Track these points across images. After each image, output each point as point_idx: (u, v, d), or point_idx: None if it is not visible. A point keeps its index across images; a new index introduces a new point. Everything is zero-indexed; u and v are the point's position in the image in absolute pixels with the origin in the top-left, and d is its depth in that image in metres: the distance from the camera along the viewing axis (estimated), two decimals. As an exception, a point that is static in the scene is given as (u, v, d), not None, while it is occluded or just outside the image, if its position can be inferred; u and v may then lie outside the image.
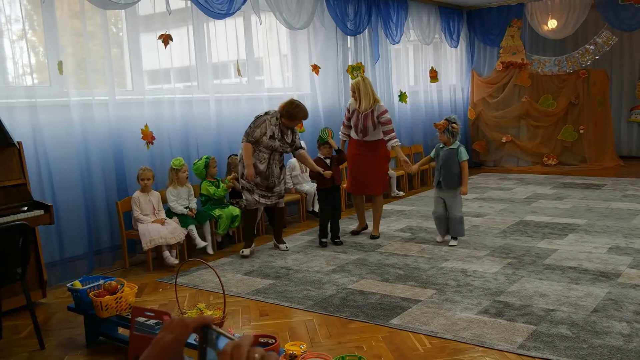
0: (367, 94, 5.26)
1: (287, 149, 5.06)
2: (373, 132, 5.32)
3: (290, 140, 5.07)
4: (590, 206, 6.57)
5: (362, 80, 5.31)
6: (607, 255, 4.63)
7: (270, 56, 6.87)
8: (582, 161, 9.82)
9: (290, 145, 5.08)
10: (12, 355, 3.25)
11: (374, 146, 5.40)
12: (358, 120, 5.34)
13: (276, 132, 4.96)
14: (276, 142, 4.96)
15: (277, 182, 5.10)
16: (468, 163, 5.11)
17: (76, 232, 4.76)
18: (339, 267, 4.63)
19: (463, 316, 3.47)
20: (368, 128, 5.29)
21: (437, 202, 5.16)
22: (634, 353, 2.88)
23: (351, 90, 5.40)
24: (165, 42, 5.36)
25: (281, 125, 5.00)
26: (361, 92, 5.26)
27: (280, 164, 5.13)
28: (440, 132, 5.05)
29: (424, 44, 9.33)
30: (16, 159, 3.95)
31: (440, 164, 5.08)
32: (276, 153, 5.02)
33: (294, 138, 5.12)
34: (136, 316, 2.16)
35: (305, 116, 5.06)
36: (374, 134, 5.35)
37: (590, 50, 9.65)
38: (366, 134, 5.34)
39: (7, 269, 3.21)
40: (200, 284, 4.37)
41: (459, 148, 5.02)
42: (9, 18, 4.46)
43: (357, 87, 5.29)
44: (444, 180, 5.05)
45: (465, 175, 5.03)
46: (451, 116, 5.12)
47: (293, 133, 5.11)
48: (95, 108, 4.92)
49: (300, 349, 2.53)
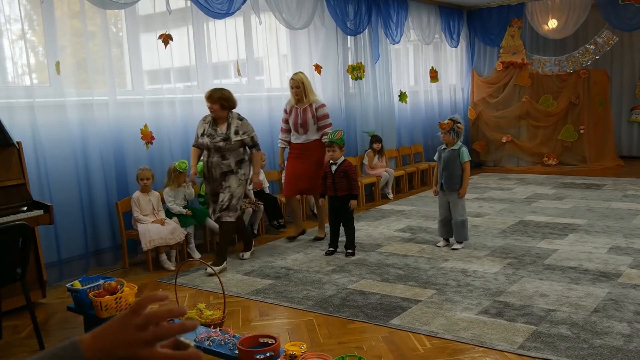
0: (310, 88, 5.31)
1: (219, 143, 4.57)
2: (313, 127, 5.31)
3: (224, 134, 4.59)
4: (591, 206, 6.57)
5: (303, 75, 5.34)
6: (608, 255, 4.62)
7: (270, 56, 6.87)
8: (583, 161, 9.82)
9: (224, 139, 4.57)
10: (12, 355, 3.25)
11: (313, 148, 5.35)
12: (297, 116, 5.31)
13: (207, 129, 4.66)
14: (205, 138, 4.64)
15: (221, 189, 4.66)
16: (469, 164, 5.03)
17: (76, 232, 4.76)
18: (339, 267, 4.62)
19: (463, 316, 3.47)
20: (308, 122, 5.27)
21: (442, 205, 5.03)
22: (635, 353, 2.88)
23: (293, 86, 5.31)
24: (166, 42, 5.36)
25: (214, 119, 4.67)
26: (306, 85, 5.27)
27: (225, 168, 4.63)
28: (444, 132, 4.92)
29: (424, 43, 9.33)
30: (16, 159, 3.95)
31: (442, 166, 4.96)
32: (214, 153, 4.62)
33: (229, 133, 4.59)
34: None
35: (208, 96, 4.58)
36: (313, 130, 5.33)
37: (590, 50, 9.64)
38: (306, 129, 5.31)
39: (7, 269, 3.21)
40: (200, 284, 4.37)
41: (460, 149, 4.91)
42: (8, 18, 4.45)
43: (302, 81, 5.27)
44: (446, 182, 4.93)
45: (467, 177, 4.91)
46: (455, 116, 5.02)
47: (229, 127, 4.62)
48: (95, 108, 4.92)
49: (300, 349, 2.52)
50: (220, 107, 4.60)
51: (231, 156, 4.63)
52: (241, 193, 4.73)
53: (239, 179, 4.67)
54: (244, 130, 4.66)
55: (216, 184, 4.67)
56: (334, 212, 5.03)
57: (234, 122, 4.64)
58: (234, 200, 4.66)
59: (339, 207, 4.98)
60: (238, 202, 4.72)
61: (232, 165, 4.63)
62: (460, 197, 4.92)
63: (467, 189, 4.97)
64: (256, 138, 4.77)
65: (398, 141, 8.78)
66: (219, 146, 4.58)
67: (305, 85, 5.27)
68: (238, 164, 4.67)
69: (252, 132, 4.72)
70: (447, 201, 4.99)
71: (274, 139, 6.68)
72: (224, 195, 4.64)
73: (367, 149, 7.72)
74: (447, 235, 5.07)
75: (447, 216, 5.01)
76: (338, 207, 4.98)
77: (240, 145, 4.67)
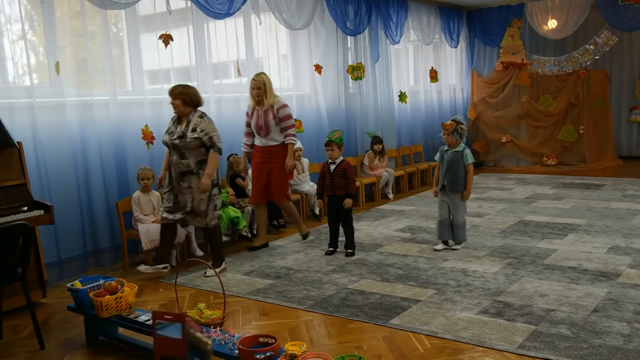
0: (271, 90, 5.09)
1: (175, 140, 4.37)
2: (275, 128, 5.09)
3: (181, 131, 4.38)
4: (590, 206, 6.58)
5: (266, 76, 5.08)
6: (607, 255, 4.63)
7: (270, 56, 6.88)
8: (582, 161, 9.82)
9: (180, 137, 4.36)
10: (12, 355, 3.25)
11: (277, 151, 5.15)
12: (259, 118, 5.09)
13: (170, 127, 4.50)
14: (166, 136, 4.48)
15: (180, 191, 4.44)
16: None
17: (75, 232, 4.76)
18: (339, 267, 4.63)
19: (463, 316, 3.47)
20: (269, 123, 5.06)
21: (442, 206, 4.97)
22: (634, 353, 2.88)
23: (255, 87, 5.05)
24: (166, 42, 5.36)
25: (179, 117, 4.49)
26: (267, 87, 5.03)
27: (184, 167, 4.40)
28: (447, 134, 4.86)
29: (424, 44, 9.34)
30: (16, 159, 3.96)
31: (445, 168, 4.89)
32: (174, 152, 4.44)
33: (185, 130, 4.37)
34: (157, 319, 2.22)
35: (170, 92, 4.43)
36: (276, 132, 5.12)
37: (590, 50, 9.65)
38: (268, 131, 5.09)
39: (7, 269, 3.21)
40: (200, 284, 4.37)
41: (464, 150, 4.87)
42: (8, 18, 4.46)
43: (264, 82, 5.03)
44: (449, 184, 4.87)
45: (470, 180, 4.87)
46: (458, 117, 4.96)
47: (188, 125, 4.39)
48: (96, 108, 4.92)
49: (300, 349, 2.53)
50: (183, 102, 4.39)
51: (191, 155, 4.39)
52: (206, 196, 4.43)
53: (200, 180, 4.40)
54: (202, 128, 4.37)
55: (175, 185, 4.46)
56: (333, 212, 5.03)
57: (194, 119, 4.40)
58: (194, 201, 4.42)
59: (337, 207, 4.97)
60: (208, 207, 4.44)
61: (192, 166, 4.39)
62: (463, 200, 4.89)
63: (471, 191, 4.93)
64: (216, 139, 4.41)
65: (398, 141, 8.78)
66: (175, 144, 4.37)
67: (267, 87, 5.03)
68: (199, 164, 4.41)
69: (213, 132, 4.41)
70: (447, 202, 4.93)
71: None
72: (185, 197, 4.43)
73: (368, 149, 7.72)
74: (445, 237, 4.99)
75: (446, 218, 4.95)
76: (337, 207, 4.98)
77: (200, 144, 4.38)
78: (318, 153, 7.10)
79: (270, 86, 5.07)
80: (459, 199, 4.89)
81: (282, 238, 5.73)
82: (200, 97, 4.53)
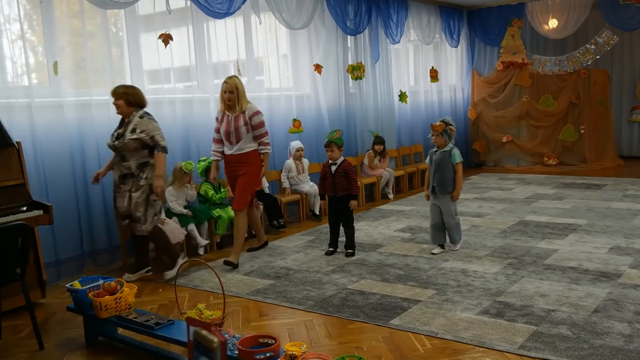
0: (244, 94, 4.71)
1: (114, 142, 4.28)
2: (246, 135, 4.70)
3: (118, 133, 4.31)
4: (591, 206, 6.57)
5: (238, 80, 4.72)
6: (608, 255, 4.62)
7: (270, 56, 6.87)
8: (583, 161, 9.82)
9: (118, 138, 4.27)
10: (11, 355, 3.25)
11: (248, 159, 4.75)
12: (229, 124, 4.70)
13: (116, 128, 4.40)
14: (109, 138, 4.38)
15: (121, 194, 4.33)
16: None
17: (73, 232, 4.76)
18: (339, 267, 4.62)
19: (463, 316, 3.46)
20: (240, 130, 4.66)
21: (433, 209, 4.87)
22: (635, 353, 2.87)
23: (227, 90, 4.67)
24: (166, 42, 5.35)
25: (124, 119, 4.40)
26: (240, 91, 4.67)
27: (125, 170, 4.30)
28: (436, 135, 4.74)
29: (424, 43, 9.33)
30: (15, 159, 3.95)
31: (434, 169, 4.80)
32: (116, 155, 4.35)
33: (124, 131, 4.27)
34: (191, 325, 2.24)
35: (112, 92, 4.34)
36: (247, 140, 4.72)
37: (591, 50, 9.64)
38: (239, 138, 4.69)
39: (6, 269, 3.20)
40: (200, 284, 4.36)
41: (452, 150, 4.75)
42: (7, 18, 4.45)
43: (236, 86, 4.67)
44: (438, 185, 4.77)
45: (459, 179, 4.76)
46: (447, 118, 4.84)
47: (128, 125, 4.29)
48: (95, 108, 4.91)
49: (300, 349, 2.52)
50: (126, 102, 4.28)
51: (132, 158, 4.25)
52: (143, 201, 4.30)
53: (139, 184, 4.27)
54: (142, 128, 4.23)
55: (115, 188, 4.37)
56: (334, 212, 5.02)
57: (134, 119, 4.28)
58: (132, 205, 4.28)
59: (338, 208, 4.97)
60: (146, 212, 4.33)
61: (133, 168, 4.26)
62: (453, 200, 4.79)
63: (461, 191, 4.82)
64: (158, 137, 4.27)
65: (398, 141, 8.77)
66: (114, 145, 4.27)
67: (239, 91, 4.67)
68: (140, 167, 4.27)
69: (154, 132, 4.27)
70: (438, 205, 4.84)
71: (273, 139, 6.67)
72: (123, 200, 4.31)
73: (369, 149, 7.71)
74: (440, 241, 4.90)
75: (438, 221, 4.85)
76: (338, 208, 4.97)
77: (140, 145, 4.25)
78: (318, 153, 7.09)
79: (243, 90, 4.72)
80: (448, 201, 4.79)
81: (282, 238, 5.72)
82: (144, 98, 4.41)
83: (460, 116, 10.38)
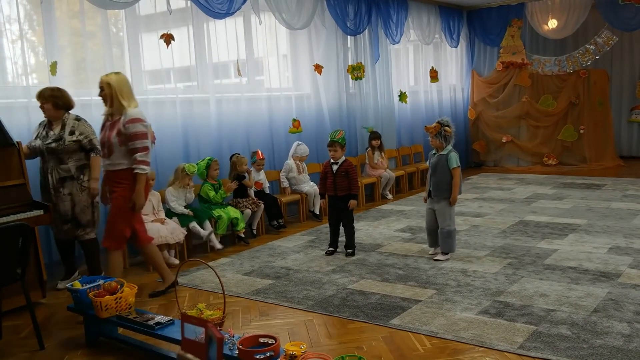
0: (124, 94, 3.78)
1: (51, 145, 4.08)
2: (119, 148, 3.76)
3: (57, 135, 4.12)
4: (591, 206, 6.57)
5: (116, 75, 3.82)
6: (608, 255, 4.62)
7: (270, 56, 6.88)
8: (582, 161, 9.82)
9: (56, 140, 4.09)
10: (12, 355, 3.25)
11: (119, 178, 3.83)
12: (104, 132, 3.87)
13: (40, 132, 4.20)
14: (37, 141, 4.16)
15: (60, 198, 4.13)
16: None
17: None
18: (339, 267, 4.62)
19: (463, 316, 3.47)
20: (112, 140, 3.76)
21: (429, 213, 4.70)
22: (635, 353, 2.88)
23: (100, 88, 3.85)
24: (168, 42, 5.36)
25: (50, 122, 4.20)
26: (114, 89, 3.75)
27: (64, 173, 4.13)
28: (431, 137, 4.55)
29: (424, 43, 9.33)
30: (16, 159, 3.95)
31: (430, 172, 4.66)
32: (49, 158, 4.13)
33: (62, 134, 4.11)
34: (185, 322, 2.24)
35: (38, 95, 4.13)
36: (119, 154, 3.78)
37: (590, 50, 9.64)
38: (111, 151, 3.79)
39: (7, 269, 3.20)
40: (200, 284, 4.37)
41: (449, 154, 4.53)
42: (8, 18, 4.46)
43: (108, 82, 3.77)
44: (434, 189, 4.60)
45: (456, 185, 4.52)
46: (443, 119, 4.61)
47: (64, 128, 4.14)
48: (94, 108, 4.91)
49: (300, 349, 2.52)
50: (54, 106, 4.11)
51: (70, 160, 4.14)
52: (89, 204, 4.22)
53: (81, 185, 4.18)
54: (81, 131, 4.15)
55: (54, 192, 4.14)
56: (334, 212, 5.02)
57: (70, 122, 4.16)
58: (77, 209, 4.17)
59: (339, 207, 4.97)
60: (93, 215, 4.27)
61: (72, 171, 4.15)
62: (450, 206, 4.59)
63: (458, 197, 4.59)
64: (95, 141, 4.16)
65: (398, 141, 8.78)
66: (52, 148, 4.09)
67: (114, 89, 3.75)
68: (80, 169, 4.18)
69: (91, 135, 4.18)
70: (433, 210, 4.66)
71: (273, 139, 6.69)
72: (65, 205, 4.15)
73: (367, 147, 7.71)
74: (437, 244, 4.74)
75: (433, 225, 4.69)
76: (338, 207, 4.98)
77: (79, 148, 4.17)
78: (318, 153, 7.10)
79: (119, 89, 3.76)
80: (444, 206, 4.58)
81: (281, 238, 5.72)
82: (72, 100, 4.25)
83: (460, 116, 10.39)
